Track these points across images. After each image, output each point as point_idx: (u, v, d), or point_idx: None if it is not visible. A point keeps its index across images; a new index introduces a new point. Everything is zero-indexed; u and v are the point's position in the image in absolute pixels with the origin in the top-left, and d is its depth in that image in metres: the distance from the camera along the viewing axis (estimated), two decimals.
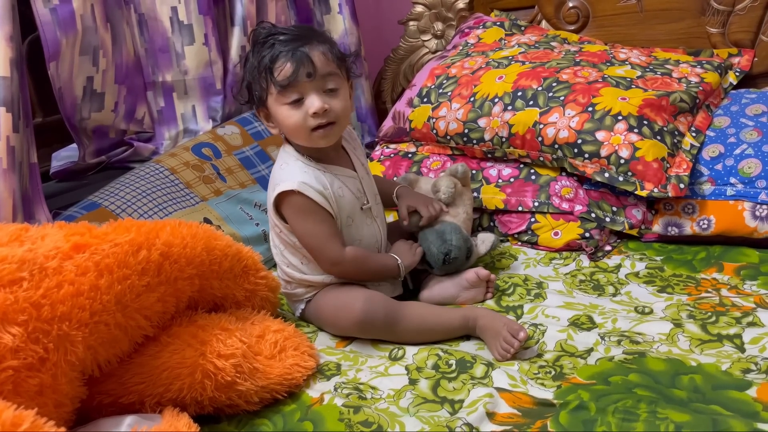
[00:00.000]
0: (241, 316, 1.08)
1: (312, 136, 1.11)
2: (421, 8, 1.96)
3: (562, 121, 1.40)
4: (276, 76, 1.08)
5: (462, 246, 1.23)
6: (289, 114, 1.10)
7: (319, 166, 1.15)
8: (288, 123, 1.11)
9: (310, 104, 1.09)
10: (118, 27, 1.55)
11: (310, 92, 1.09)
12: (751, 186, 1.27)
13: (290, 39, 1.10)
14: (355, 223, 1.18)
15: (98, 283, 0.82)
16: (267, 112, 1.15)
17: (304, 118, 1.10)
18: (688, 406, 0.87)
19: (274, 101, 1.11)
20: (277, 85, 1.09)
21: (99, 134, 1.58)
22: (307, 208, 1.11)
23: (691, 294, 1.16)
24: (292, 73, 1.08)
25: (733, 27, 1.58)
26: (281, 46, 1.09)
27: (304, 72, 1.08)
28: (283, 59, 1.08)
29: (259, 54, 1.11)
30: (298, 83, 1.08)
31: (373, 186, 1.24)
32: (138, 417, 0.85)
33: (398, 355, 1.08)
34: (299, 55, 1.08)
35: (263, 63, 1.10)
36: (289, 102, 1.10)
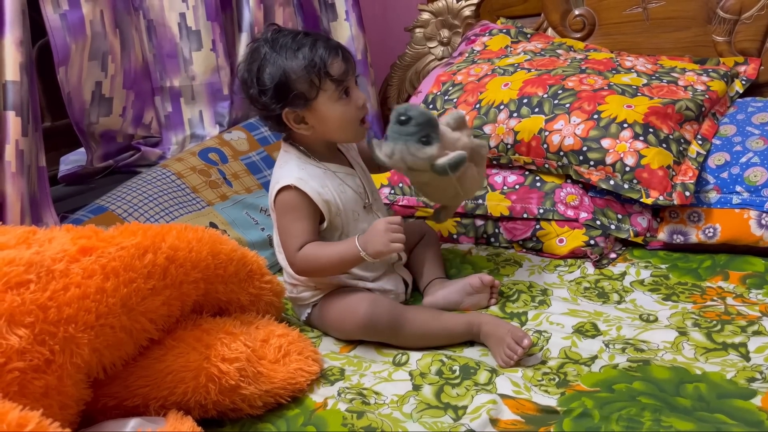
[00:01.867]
0: (245, 320, 1.08)
1: (360, 129, 1.16)
2: (427, 15, 1.96)
3: (568, 128, 1.40)
4: (333, 73, 1.11)
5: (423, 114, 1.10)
6: (344, 109, 1.13)
7: (319, 164, 1.17)
8: (344, 118, 1.14)
9: (357, 97, 1.14)
10: (127, 33, 1.57)
11: (353, 87, 1.15)
12: (757, 194, 1.27)
13: (317, 39, 1.13)
14: (360, 218, 1.19)
15: (104, 286, 0.82)
16: (301, 113, 1.13)
17: (354, 110, 1.14)
18: (692, 415, 0.87)
19: (327, 99, 1.12)
20: (334, 80, 1.11)
21: (107, 139, 1.59)
22: (295, 204, 1.13)
23: (696, 302, 1.15)
24: (345, 69, 1.12)
25: (740, 35, 1.58)
26: (322, 44, 1.12)
27: (351, 67, 1.14)
28: (333, 55, 1.11)
29: (300, 53, 1.10)
30: (348, 78, 1.13)
31: (371, 183, 1.26)
32: (142, 420, 0.86)
33: (402, 360, 1.08)
34: (344, 52, 1.13)
35: (317, 59, 1.10)
36: (343, 96, 1.13)
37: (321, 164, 1.17)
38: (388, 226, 1.07)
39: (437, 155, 1.10)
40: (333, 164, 1.19)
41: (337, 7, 1.91)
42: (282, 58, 1.11)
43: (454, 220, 1.52)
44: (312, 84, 1.11)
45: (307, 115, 1.14)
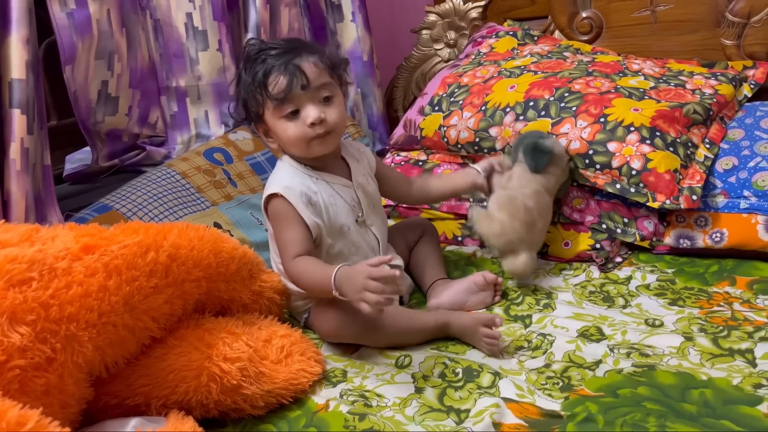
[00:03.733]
0: (248, 320, 1.08)
1: (310, 145, 1.13)
2: (434, 17, 1.96)
3: (574, 131, 1.39)
4: (271, 90, 1.10)
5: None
6: (287, 126, 1.12)
7: (312, 173, 1.17)
8: (287, 135, 1.13)
9: (306, 115, 1.11)
10: (134, 32, 1.57)
11: (306, 103, 1.11)
12: (765, 199, 1.25)
13: (281, 53, 1.11)
14: (351, 231, 1.18)
15: (107, 284, 0.82)
16: (265, 127, 1.16)
17: (302, 129, 1.11)
18: (698, 421, 0.86)
19: (271, 115, 1.13)
20: (272, 99, 1.10)
21: (112, 138, 1.59)
22: (283, 212, 1.12)
23: (702, 307, 1.14)
24: (286, 86, 1.09)
25: (748, 39, 1.57)
26: (273, 60, 1.10)
27: (298, 84, 1.09)
28: (275, 73, 1.10)
29: (252, 70, 1.12)
30: (293, 96, 1.10)
31: (372, 198, 1.23)
32: (143, 419, 0.86)
33: (405, 363, 1.07)
34: (291, 68, 1.09)
35: (257, 78, 1.11)
36: (286, 114, 1.11)
37: (314, 173, 1.17)
38: (369, 274, 0.94)
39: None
40: (328, 174, 1.18)
41: (344, 9, 1.91)
42: (244, 75, 1.14)
43: (459, 222, 1.51)
44: (257, 101, 1.12)
45: (269, 130, 1.16)
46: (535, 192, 1.28)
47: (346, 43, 1.93)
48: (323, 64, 1.13)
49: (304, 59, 1.11)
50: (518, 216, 1.25)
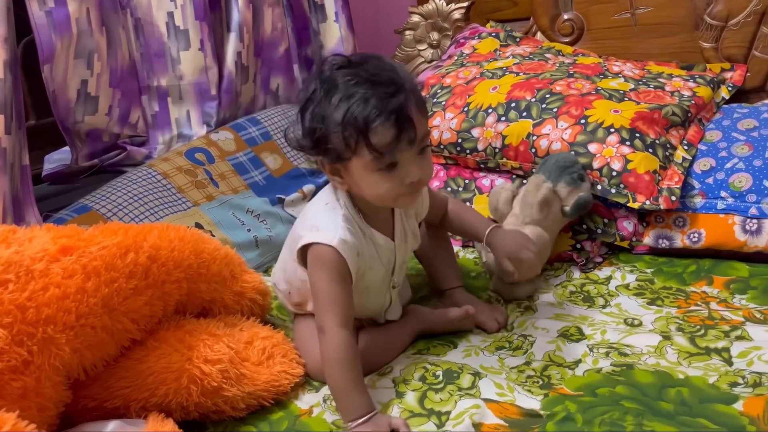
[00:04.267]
0: (229, 322, 1.07)
1: (398, 200, 0.98)
2: (417, 18, 1.97)
3: (555, 132, 1.40)
4: (374, 142, 0.89)
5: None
6: (380, 182, 0.93)
7: (363, 225, 1.01)
8: (377, 191, 0.95)
9: (408, 174, 0.93)
10: (114, 31, 1.56)
11: (408, 159, 0.93)
12: (742, 200, 1.27)
13: (387, 93, 0.89)
14: (370, 292, 1.06)
15: (85, 285, 0.81)
16: (341, 168, 0.97)
17: (397, 187, 0.94)
18: (674, 419, 0.87)
19: (362, 165, 0.93)
20: (373, 150, 0.90)
21: (92, 137, 1.58)
22: (335, 267, 0.96)
23: (680, 307, 1.16)
24: (393, 140, 0.90)
25: (726, 42, 1.60)
26: (379, 103, 0.89)
27: (406, 138, 0.91)
28: (382, 121, 0.88)
29: (345, 105, 0.90)
30: (398, 151, 0.91)
31: (405, 254, 1.11)
32: (122, 422, 0.85)
33: (386, 371, 1.06)
34: (403, 118, 0.89)
35: (356, 122, 0.89)
36: (383, 168, 0.92)
37: (364, 225, 1.01)
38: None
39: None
40: (376, 230, 1.03)
41: (327, 9, 1.91)
42: (326, 103, 0.92)
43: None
44: (347, 144, 0.91)
45: (342, 170, 0.97)
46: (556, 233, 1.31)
47: (329, 43, 1.93)
48: (423, 106, 0.95)
49: (411, 102, 0.91)
50: (544, 257, 1.28)
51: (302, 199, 1.62)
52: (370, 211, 1.02)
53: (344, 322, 0.95)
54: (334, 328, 0.95)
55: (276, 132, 1.70)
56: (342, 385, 0.94)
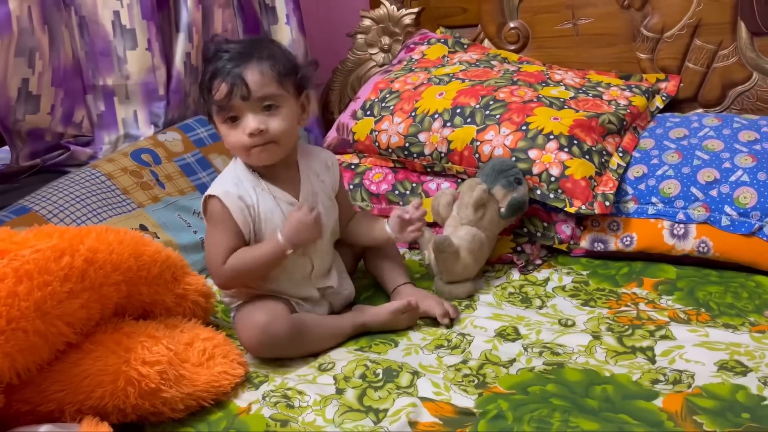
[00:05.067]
0: (170, 323, 1.07)
1: (250, 154, 1.12)
2: (369, 22, 1.99)
3: (498, 138, 1.44)
4: (213, 96, 1.10)
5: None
6: (227, 132, 1.12)
7: (259, 182, 1.15)
8: (227, 141, 1.14)
9: (245, 125, 1.10)
10: (57, 29, 1.53)
11: (246, 112, 1.10)
12: (670, 206, 1.34)
13: (231, 57, 1.10)
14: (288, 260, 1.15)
15: (16, 289, 0.81)
16: (217, 126, 1.16)
17: (241, 138, 1.11)
18: (598, 415, 0.91)
19: (215, 117, 1.13)
20: (214, 103, 1.11)
21: (34, 137, 1.55)
22: (218, 216, 1.12)
23: (611, 308, 1.21)
24: (226, 95, 1.09)
25: (662, 53, 1.67)
26: (221, 64, 1.10)
27: (237, 93, 1.08)
28: (219, 79, 1.09)
29: (205, 69, 1.13)
30: (234, 104, 1.09)
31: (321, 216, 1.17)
32: (54, 426, 0.84)
33: (327, 367, 1.09)
34: (234, 76, 1.08)
35: (204, 80, 1.12)
36: (226, 120, 1.11)
37: (259, 181, 1.15)
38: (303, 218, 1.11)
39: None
40: (275, 187, 1.16)
41: (278, 11, 1.91)
42: (201, 71, 1.15)
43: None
44: (205, 102, 1.13)
45: (217, 129, 1.16)
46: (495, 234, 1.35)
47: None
48: (273, 73, 1.10)
49: (252, 67, 1.09)
50: (480, 257, 1.31)
51: None
52: (266, 171, 1.16)
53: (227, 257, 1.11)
54: (219, 266, 1.11)
55: None
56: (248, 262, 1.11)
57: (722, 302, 1.19)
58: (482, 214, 1.31)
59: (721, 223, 1.28)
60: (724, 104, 1.63)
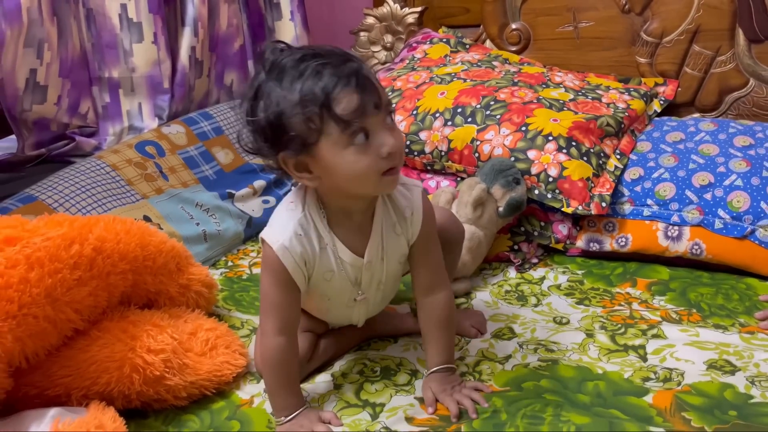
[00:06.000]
0: (174, 313, 1.10)
1: (382, 182, 0.87)
2: (372, 20, 2.01)
3: (497, 138, 1.47)
4: (339, 111, 0.82)
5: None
6: (356, 158, 0.85)
7: (325, 232, 0.94)
8: (353, 169, 0.85)
9: (382, 142, 0.85)
10: (65, 21, 1.55)
11: (378, 128, 0.85)
12: (665, 208, 1.36)
13: (335, 59, 0.84)
14: (331, 302, 1.02)
15: (28, 276, 0.83)
16: (307, 159, 0.87)
17: (375, 161, 0.85)
18: (590, 410, 0.93)
19: (331, 144, 0.84)
20: (340, 121, 0.83)
21: (40, 127, 1.57)
22: (272, 265, 0.93)
23: (605, 307, 1.24)
24: (359, 104, 0.82)
25: (660, 58, 1.69)
26: (334, 71, 0.82)
27: (371, 102, 0.83)
28: (342, 87, 0.82)
29: (298, 82, 0.83)
30: (366, 117, 0.84)
31: (383, 272, 1.00)
32: (62, 410, 0.87)
33: (326, 368, 1.09)
34: (363, 81, 0.83)
35: (314, 95, 0.82)
36: (356, 142, 0.84)
37: (327, 233, 0.94)
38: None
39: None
40: (343, 245, 0.95)
41: (282, 7, 1.93)
42: (278, 88, 0.84)
43: None
44: (310, 124, 0.84)
45: (310, 162, 0.88)
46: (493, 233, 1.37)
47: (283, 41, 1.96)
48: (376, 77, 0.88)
49: (364, 67, 0.85)
50: (478, 255, 1.33)
51: (252, 195, 1.64)
52: (340, 218, 0.94)
53: (282, 327, 0.94)
54: (270, 333, 0.94)
55: (228, 127, 1.71)
56: (274, 387, 0.96)
57: (713, 303, 1.22)
58: (481, 212, 1.33)
59: (715, 226, 1.31)
60: (720, 109, 1.66)
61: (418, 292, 1.02)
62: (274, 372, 0.95)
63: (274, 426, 0.95)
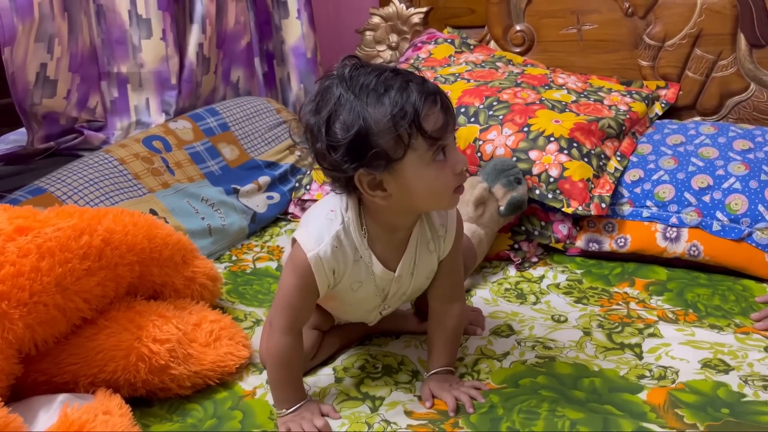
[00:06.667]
0: (179, 305, 1.12)
1: (454, 198, 0.91)
2: (377, 19, 2.03)
3: (500, 139, 1.48)
4: (428, 128, 0.84)
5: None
6: (436, 175, 0.87)
7: (362, 246, 0.94)
8: (433, 185, 0.88)
9: (456, 161, 0.89)
10: (76, 17, 1.57)
11: (452, 147, 0.90)
12: (664, 210, 1.38)
13: (414, 78, 0.87)
14: (353, 309, 1.04)
15: (39, 265, 0.85)
16: (380, 177, 0.87)
17: (451, 178, 0.89)
18: (585, 406, 0.95)
19: (416, 160, 0.86)
20: (428, 138, 0.85)
21: (49, 120, 1.59)
22: (301, 271, 0.93)
23: (603, 306, 1.25)
24: (444, 123, 0.86)
25: (662, 61, 1.71)
26: (419, 88, 0.85)
27: (452, 122, 0.88)
28: (431, 104, 0.85)
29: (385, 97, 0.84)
30: (447, 136, 0.87)
31: (409, 286, 1.02)
32: (71, 396, 0.89)
33: (328, 361, 1.11)
34: (445, 102, 0.87)
35: (405, 112, 0.83)
36: (437, 159, 0.87)
37: (363, 247, 0.94)
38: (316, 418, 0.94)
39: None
40: (377, 260, 0.96)
41: (289, 5, 1.95)
42: (362, 104, 0.84)
43: None
44: (399, 140, 0.84)
45: (387, 179, 0.88)
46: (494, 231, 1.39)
47: (290, 39, 1.98)
48: None
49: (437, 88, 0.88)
50: (479, 254, 1.35)
51: (257, 191, 1.66)
52: (380, 234, 0.95)
53: (292, 327, 0.95)
54: (279, 330, 0.95)
55: (234, 123, 1.74)
56: (277, 382, 0.97)
57: (710, 304, 1.23)
58: (482, 211, 1.35)
59: (712, 228, 1.33)
60: (721, 113, 1.67)
61: (434, 299, 1.05)
62: (279, 368, 0.96)
63: (275, 417, 0.97)
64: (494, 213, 1.37)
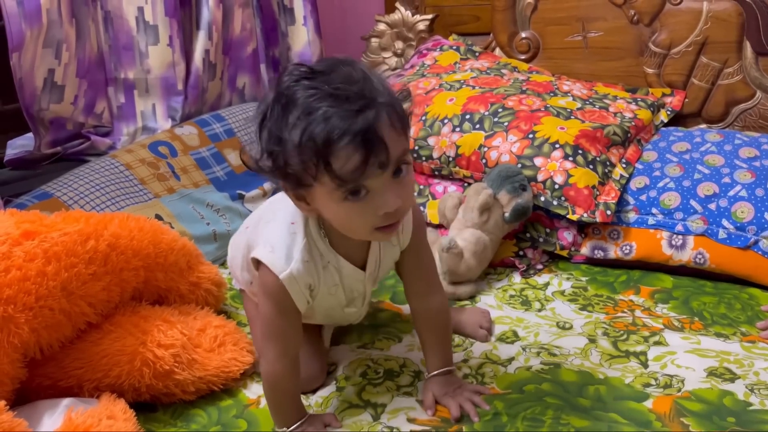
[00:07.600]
0: (184, 310, 1.12)
1: (374, 234, 0.84)
2: (383, 26, 2.03)
3: (505, 145, 1.48)
4: (336, 168, 0.76)
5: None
6: (349, 214, 0.81)
7: (328, 252, 0.91)
8: (346, 221, 0.83)
9: (382, 203, 0.79)
10: (83, 23, 1.58)
11: (381, 186, 0.79)
12: (670, 217, 1.38)
13: (352, 110, 0.74)
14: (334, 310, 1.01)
15: (45, 269, 0.86)
16: (304, 194, 0.84)
17: (371, 219, 0.81)
18: (589, 414, 0.95)
19: (326, 193, 0.80)
20: (335, 177, 0.76)
21: (56, 125, 1.60)
22: (277, 296, 0.90)
23: (608, 313, 1.25)
24: (359, 165, 0.76)
25: (668, 69, 1.71)
26: (340, 122, 0.74)
27: (376, 162, 0.76)
28: (345, 142, 0.74)
29: (302, 122, 0.76)
30: (367, 177, 0.77)
31: (375, 284, 1.02)
32: (75, 400, 0.89)
33: (330, 369, 1.11)
34: (370, 139, 0.75)
35: (314, 144, 0.75)
36: (350, 199, 0.79)
37: (330, 252, 0.91)
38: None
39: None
40: (345, 261, 0.93)
41: (296, 12, 1.96)
42: (283, 121, 0.78)
43: None
44: (306, 170, 0.78)
45: (307, 196, 0.84)
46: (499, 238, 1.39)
47: (296, 45, 1.99)
48: (400, 122, 0.79)
49: (382, 118, 0.76)
50: (483, 260, 1.35)
51: (262, 196, 1.67)
52: (342, 238, 0.90)
53: (285, 352, 0.92)
54: (273, 359, 0.92)
55: (240, 129, 1.74)
56: (275, 406, 0.96)
57: (716, 312, 1.23)
58: (487, 217, 1.35)
59: (718, 236, 1.32)
60: (727, 121, 1.67)
61: (412, 299, 1.02)
62: (276, 394, 0.95)
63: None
64: (499, 219, 1.37)
